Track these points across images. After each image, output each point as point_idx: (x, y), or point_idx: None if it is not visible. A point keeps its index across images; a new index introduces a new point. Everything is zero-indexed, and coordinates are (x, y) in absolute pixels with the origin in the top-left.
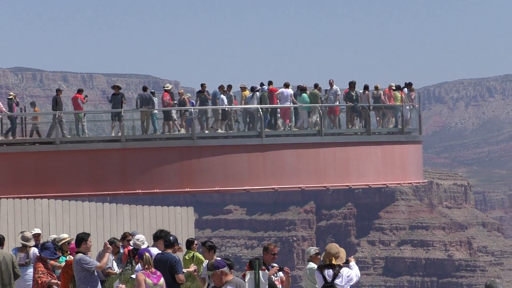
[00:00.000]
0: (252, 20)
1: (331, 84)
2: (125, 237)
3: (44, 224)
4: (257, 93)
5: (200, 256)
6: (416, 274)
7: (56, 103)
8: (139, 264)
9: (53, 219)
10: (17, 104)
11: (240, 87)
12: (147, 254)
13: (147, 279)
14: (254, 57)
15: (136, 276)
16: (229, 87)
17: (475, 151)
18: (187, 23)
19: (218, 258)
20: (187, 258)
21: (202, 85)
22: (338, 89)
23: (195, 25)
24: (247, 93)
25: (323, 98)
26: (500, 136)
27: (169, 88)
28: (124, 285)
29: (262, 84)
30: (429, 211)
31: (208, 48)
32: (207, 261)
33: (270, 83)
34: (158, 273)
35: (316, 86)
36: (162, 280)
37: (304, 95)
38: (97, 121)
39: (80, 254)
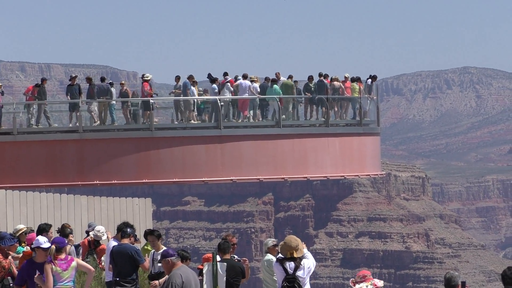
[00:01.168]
0: (209, 11)
1: (277, 77)
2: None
3: (1, 214)
4: (228, 84)
5: (162, 246)
6: (373, 265)
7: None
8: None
9: (10, 210)
10: (2, 94)
11: (188, 78)
12: (52, 247)
13: (53, 267)
14: (212, 48)
15: (44, 267)
16: (177, 78)
17: (433, 143)
18: (144, 14)
19: (168, 248)
20: (150, 248)
21: (142, 76)
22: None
23: (153, 16)
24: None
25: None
26: (458, 128)
27: (149, 78)
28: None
29: (226, 74)
30: (387, 203)
31: (166, 39)
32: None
33: (225, 74)
34: (69, 257)
35: (290, 77)
36: (74, 263)
37: (275, 86)
38: (54, 112)
39: None
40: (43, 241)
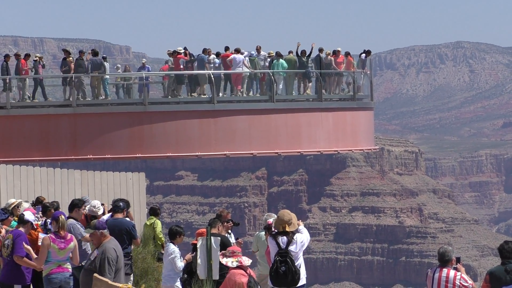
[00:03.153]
0: None
1: (258, 50)
2: (41, 201)
3: None
4: (247, 58)
5: (159, 224)
6: (367, 240)
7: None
8: (52, 225)
9: (4, 184)
10: (43, 66)
11: (168, 54)
12: (62, 217)
13: (51, 243)
14: (205, 22)
15: (42, 239)
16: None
17: (426, 118)
18: None
19: (99, 220)
20: (148, 224)
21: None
22: (267, 55)
23: None
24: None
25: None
26: (451, 103)
27: (182, 51)
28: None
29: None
30: (380, 178)
31: (158, 13)
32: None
33: (226, 48)
34: (69, 236)
35: (290, 52)
36: (72, 244)
37: (282, 61)
38: (48, 86)
39: (72, 220)
40: (35, 218)
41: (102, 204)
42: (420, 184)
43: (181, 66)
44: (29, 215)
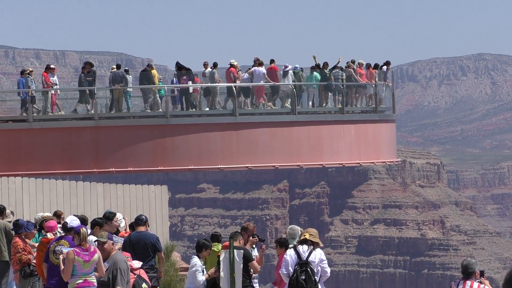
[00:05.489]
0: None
1: (258, 62)
2: (59, 215)
3: (18, 202)
4: (290, 71)
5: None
6: (389, 253)
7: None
8: (75, 239)
9: (26, 197)
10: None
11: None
12: (83, 229)
13: (76, 257)
14: (228, 35)
15: (66, 253)
16: (205, 64)
17: (448, 130)
18: (159, 0)
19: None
20: (216, 250)
21: (88, 63)
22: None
23: (168, 2)
24: (155, 72)
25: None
26: (473, 115)
27: (235, 63)
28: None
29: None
30: (402, 190)
31: (181, 26)
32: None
33: (272, 61)
34: (92, 248)
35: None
36: (96, 256)
37: (316, 73)
38: (69, 99)
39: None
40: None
41: (124, 218)
42: (442, 197)
43: (232, 80)
44: (73, 222)
